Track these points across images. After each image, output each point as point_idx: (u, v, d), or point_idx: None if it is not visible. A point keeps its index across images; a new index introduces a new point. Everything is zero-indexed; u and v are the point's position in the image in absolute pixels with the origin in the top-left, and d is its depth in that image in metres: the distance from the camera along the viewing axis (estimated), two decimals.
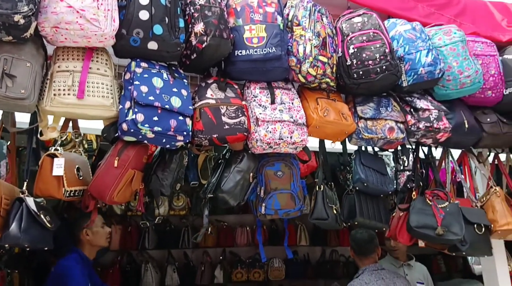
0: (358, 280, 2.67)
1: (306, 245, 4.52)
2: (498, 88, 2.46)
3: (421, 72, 2.16)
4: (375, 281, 2.63)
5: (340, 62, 2.11)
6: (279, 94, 2.01)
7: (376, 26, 2.12)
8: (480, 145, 2.56)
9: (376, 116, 2.17)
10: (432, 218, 2.18)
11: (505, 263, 2.71)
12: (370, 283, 2.63)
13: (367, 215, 2.22)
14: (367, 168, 2.24)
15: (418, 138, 2.30)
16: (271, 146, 1.91)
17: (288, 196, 2.02)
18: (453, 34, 2.31)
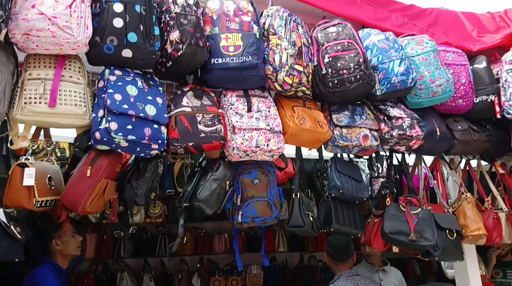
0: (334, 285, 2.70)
1: (284, 251, 4.52)
2: (468, 97, 2.54)
3: (394, 81, 2.21)
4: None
5: (316, 71, 2.14)
6: (255, 102, 2.02)
7: (351, 36, 2.16)
8: (452, 152, 2.63)
9: (351, 124, 2.20)
10: (405, 224, 2.23)
11: (476, 267, 2.78)
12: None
13: (343, 222, 2.24)
14: (342, 175, 2.27)
15: (391, 146, 2.35)
16: (247, 154, 1.91)
17: (265, 204, 2.02)
18: (425, 44, 2.38)
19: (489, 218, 2.58)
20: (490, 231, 2.54)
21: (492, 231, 2.55)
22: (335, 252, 2.85)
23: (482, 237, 2.45)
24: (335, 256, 2.86)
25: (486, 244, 2.60)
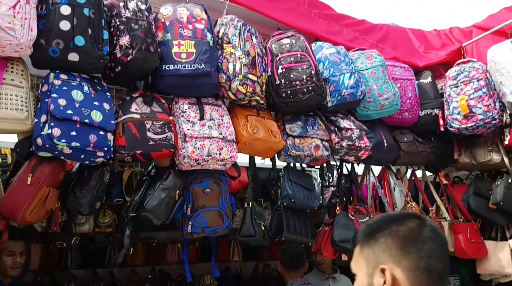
0: None
1: (239, 261, 4.49)
2: (414, 110, 2.66)
3: (344, 93, 2.27)
4: None
5: (270, 81, 2.16)
6: (208, 110, 2.01)
7: (304, 48, 2.21)
8: (398, 163, 2.74)
9: (303, 134, 2.24)
10: (354, 233, 2.27)
11: None
12: None
13: (294, 231, 2.26)
14: (294, 184, 2.30)
15: (341, 156, 2.41)
16: (199, 163, 1.89)
17: (216, 214, 2.00)
18: (374, 58, 2.47)
19: None
20: None
21: None
22: (288, 261, 2.87)
23: None
24: (288, 264, 2.88)
25: None
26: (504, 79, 2.45)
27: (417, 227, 0.98)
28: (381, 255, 0.97)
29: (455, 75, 2.67)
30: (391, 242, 0.96)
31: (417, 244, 0.95)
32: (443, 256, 0.97)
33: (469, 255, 2.76)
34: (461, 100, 2.59)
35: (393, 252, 0.95)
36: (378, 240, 0.99)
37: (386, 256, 0.96)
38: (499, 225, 2.93)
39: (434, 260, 0.94)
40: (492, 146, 2.77)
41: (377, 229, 1.01)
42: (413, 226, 0.98)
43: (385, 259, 0.96)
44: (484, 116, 2.53)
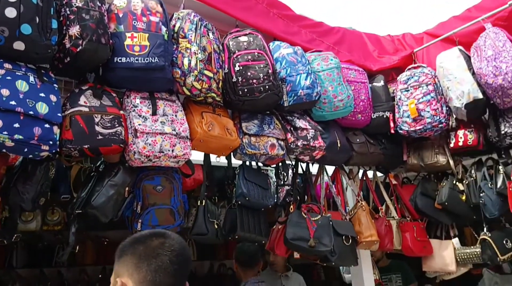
0: None
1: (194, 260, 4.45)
2: (367, 112, 2.74)
3: (301, 94, 2.30)
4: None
5: (227, 78, 2.14)
6: (161, 105, 1.96)
7: (261, 47, 2.21)
8: (351, 163, 2.81)
9: (259, 133, 2.24)
10: (306, 231, 2.32)
11: (371, 272, 2.98)
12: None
13: (248, 229, 2.27)
14: (250, 183, 2.30)
15: (297, 155, 2.44)
16: (150, 159, 1.85)
17: (168, 212, 1.96)
18: (330, 60, 2.52)
19: (381, 225, 2.79)
20: (382, 238, 2.74)
21: (384, 238, 2.76)
22: (243, 259, 2.88)
23: (375, 243, 2.64)
24: (243, 262, 2.88)
25: (379, 249, 2.81)
26: (451, 85, 2.57)
27: (156, 246, 1.14)
28: (121, 270, 1.14)
29: (406, 79, 2.78)
30: (129, 259, 1.13)
31: (148, 260, 1.12)
32: (178, 272, 1.13)
33: (415, 253, 2.88)
34: (411, 104, 2.70)
35: (129, 268, 1.12)
36: (122, 257, 1.16)
37: (124, 271, 1.13)
38: (444, 225, 3.09)
39: (162, 274, 1.11)
40: (438, 149, 2.90)
41: (124, 248, 1.18)
42: (153, 245, 1.15)
43: (123, 273, 1.13)
44: (431, 120, 2.65)
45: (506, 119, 2.54)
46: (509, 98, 2.38)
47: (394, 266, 3.54)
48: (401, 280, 3.43)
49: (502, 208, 2.62)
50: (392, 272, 3.52)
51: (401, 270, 3.54)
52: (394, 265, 3.56)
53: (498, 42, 2.37)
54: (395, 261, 3.60)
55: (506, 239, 2.77)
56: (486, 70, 2.36)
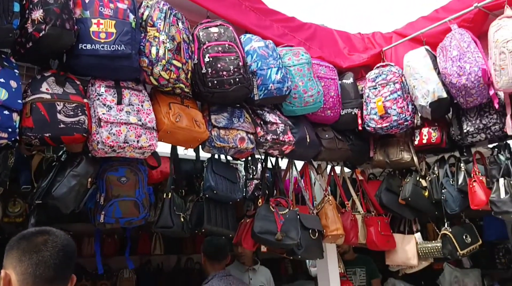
0: (208, 285, 2.70)
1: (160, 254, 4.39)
2: (336, 109, 2.77)
3: (271, 88, 2.30)
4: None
5: (196, 69, 2.11)
6: (127, 95, 1.91)
7: (232, 39, 2.19)
8: (319, 158, 2.84)
9: (228, 126, 2.22)
10: (273, 224, 2.32)
11: (336, 265, 3.03)
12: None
13: (215, 222, 2.25)
14: (218, 176, 2.28)
15: (266, 149, 2.44)
16: (114, 150, 1.80)
17: (132, 204, 1.92)
18: (301, 56, 2.53)
19: (347, 219, 2.84)
20: (347, 231, 2.79)
21: (350, 231, 2.81)
22: (211, 252, 2.86)
23: (340, 237, 2.68)
24: (211, 256, 2.86)
25: (344, 243, 2.86)
26: (417, 83, 2.64)
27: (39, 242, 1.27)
28: (7, 263, 1.26)
29: (374, 77, 2.83)
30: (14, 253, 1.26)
31: (30, 255, 1.24)
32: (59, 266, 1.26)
33: (379, 247, 2.95)
34: (378, 101, 2.75)
35: (13, 261, 1.25)
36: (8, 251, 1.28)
37: (9, 264, 1.26)
38: (407, 220, 3.17)
39: (42, 268, 1.24)
40: (403, 146, 2.97)
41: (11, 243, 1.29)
42: (36, 241, 1.27)
43: (8, 266, 1.26)
44: (397, 117, 2.70)
45: (468, 118, 2.63)
46: (471, 97, 2.46)
47: (360, 260, 3.62)
48: (365, 273, 3.51)
49: (463, 204, 2.71)
50: (357, 266, 3.59)
51: (366, 264, 3.62)
52: (360, 259, 3.63)
53: (463, 43, 2.44)
54: (361, 255, 3.68)
55: (466, 234, 2.87)
56: (451, 70, 2.43)
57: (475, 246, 2.90)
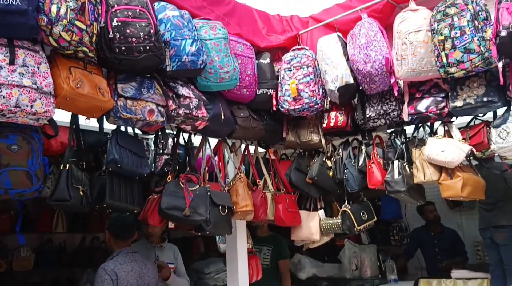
0: (113, 261, 2.63)
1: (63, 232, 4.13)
2: (252, 88, 2.78)
3: (185, 60, 2.23)
4: (129, 262, 2.67)
5: (102, 33, 1.97)
6: (21, 55, 1.72)
7: (144, 5, 2.07)
8: (234, 136, 2.85)
9: (137, 96, 2.12)
10: (182, 200, 2.29)
11: (245, 241, 3.11)
12: (125, 264, 2.64)
13: (118, 198, 2.15)
14: (123, 149, 2.17)
15: (178, 124, 2.37)
16: (4, 114, 1.63)
17: (23, 174, 1.76)
18: (218, 30, 2.48)
19: (258, 196, 2.91)
20: (257, 208, 2.86)
21: (259, 208, 2.88)
22: (117, 230, 2.76)
23: (249, 213, 2.74)
24: (117, 233, 2.77)
25: (253, 219, 2.92)
26: (328, 68, 2.74)
27: None
28: None
29: (290, 59, 2.88)
30: None
31: None
32: None
33: (286, 223, 3.06)
34: (292, 83, 2.82)
35: None
36: None
37: None
38: (312, 198, 3.34)
39: None
40: (313, 128, 3.10)
41: None
42: None
43: None
44: (309, 100, 2.80)
45: (371, 104, 2.82)
46: (375, 84, 2.63)
47: (271, 238, 3.73)
48: (270, 252, 3.62)
49: (362, 184, 2.92)
50: (266, 244, 3.71)
51: (275, 243, 3.75)
52: (271, 237, 3.75)
53: (371, 32, 2.58)
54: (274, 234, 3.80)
55: (363, 211, 3.11)
56: (358, 57, 2.57)
57: (371, 222, 3.15)
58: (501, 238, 3.73)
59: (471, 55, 2.19)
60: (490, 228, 3.81)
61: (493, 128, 2.37)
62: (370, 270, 4.45)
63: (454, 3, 2.26)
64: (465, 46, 2.19)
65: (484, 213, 3.90)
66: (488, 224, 3.83)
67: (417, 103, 2.58)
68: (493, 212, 3.80)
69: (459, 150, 2.41)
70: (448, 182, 2.46)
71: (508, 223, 3.74)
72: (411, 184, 2.62)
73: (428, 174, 2.53)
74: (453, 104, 2.42)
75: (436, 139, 2.53)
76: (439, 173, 2.52)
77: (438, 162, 2.48)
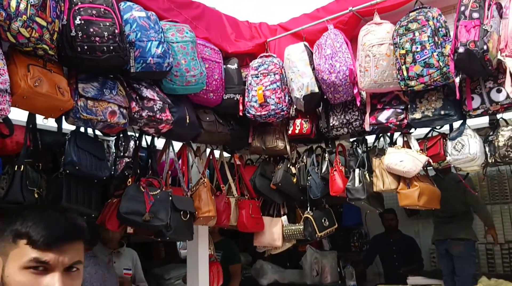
0: None
1: None
2: (219, 92, 2.77)
3: (150, 62, 2.19)
4: (93, 265, 2.67)
5: (64, 31, 1.91)
6: None
7: (109, 4, 2.03)
8: (199, 140, 2.83)
9: (98, 97, 2.06)
10: (142, 205, 2.24)
11: (206, 247, 3.07)
12: (88, 267, 2.62)
13: (75, 201, 2.08)
14: (82, 151, 2.10)
15: (141, 126, 2.33)
16: None
17: None
18: (185, 33, 2.46)
19: (221, 202, 2.90)
20: (220, 214, 2.85)
21: (222, 214, 2.87)
22: None
23: (212, 219, 2.72)
24: None
25: (216, 225, 2.90)
26: (294, 77, 2.78)
27: None
28: None
29: (257, 66, 2.90)
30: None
31: None
32: None
33: (249, 229, 3.07)
34: (259, 90, 2.83)
35: None
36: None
37: None
38: (276, 204, 3.36)
39: None
40: (279, 135, 3.12)
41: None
42: None
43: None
44: (275, 107, 2.82)
45: (335, 113, 2.87)
46: (339, 94, 2.69)
47: (221, 244, 3.68)
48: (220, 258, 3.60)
49: (324, 191, 2.97)
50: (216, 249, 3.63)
51: (226, 248, 3.71)
52: (222, 242, 3.70)
53: (336, 43, 2.64)
54: (225, 239, 3.77)
55: (325, 218, 3.16)
56: (323, 67, 2.62)
57: (332, 229, 3.21)
58: (458, 250, 3.87)
59: (430, 70, 2.28)
60: (448, 239, 3.93)
61: (449, 140, 2.47)
62: (331, 276, 4.51)
63: (416, 18, 2.35)
64: (425, 60, 2.28)
65: (442, 225, 4.03)
66: (446, 236, 3.95)
67: (378, 114, 2.66)
68: (452, 225, 3.94)
69: (416, 161, 2.49)
70: (406, 191, 2.55)
71: (465, 237, 3.90)
72: (370, 192, 2.69)
73: (387, 183, 2.61)
74: (412, 116, 2.51)
75: (395, 149, 2.61)
76: (397, 182, 2.60)
77: (397, 172, 2.56)
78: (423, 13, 2.33)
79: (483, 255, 4.77)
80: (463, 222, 3.94)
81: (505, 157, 2.30)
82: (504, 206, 4.71)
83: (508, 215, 4.69)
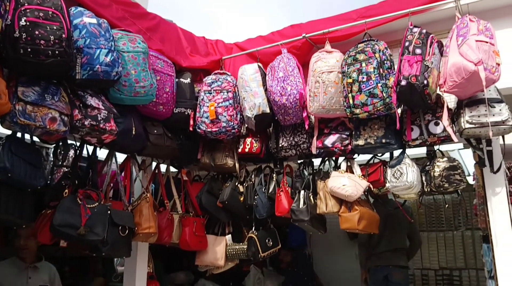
0: None
1: None
2: (169, 105, 2.73)
3: (98, 69, 2.13)
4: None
5: (7, 31, 1.82)
6: None
7: (58, 8, 1.96)
8: (144, 153, 2.76)
9: (38, 102, 1.96)
10: (77, 218, 2.14)
11: (145, 264, 2.97)
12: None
13: (5, 209, 1.95)
14: (16, 157, 1.98)
15: (82, 135, 2.24)
16: None
17: None
18: (137, 43, 2.42)
19: (164, 218, 2.82)
20: (162, 230, 2.77)
21: (164, 231, 2.80)
22: None
23: (152, 235, 2.63)
24: None
25: (157, 242, 2.81)
26: (247, 96, 2.81)
27: None
28: None
29: (211, 82, 2.90)
30: None
31: None
32: None
33: (191, 247, 3.00)
34: (211, 106, 2.83)
35: None
36: None
37: None
38: (222, 222, 3.32)
39: None
40: (229, 152, 3.12)
41: None
42: None
43: None
44: (226, 124, 2.82)
45: (285, 135, 2.92)
46: (289, 116, 2.74)
47: None
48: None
49: (270, 211, 2.98)
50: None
51: None
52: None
53: (289, 66, 2.71)
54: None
55: (268, 238, 3.16)
56: (275, 89, 2.67)
57: (275, 249, 3.21)
58: (399, 277, 3.93)
59: (374, 99, 2.39)
60: (390, 266, 3.97)
61: (389, 168, 2.58)
62: None
63: (363, 50, 2.46)
64: (370, 90, 2.39)
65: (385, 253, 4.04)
66: (389, 263, 3.97)
67: (325, 138, 2.73)
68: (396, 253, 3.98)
69: (358, 186, 2.57)
70: (347, 215, 2.61)
71: (405, 264, 4.01)
72: (314, 214, 2.73)
73: (329, 206, 2.66)
74: (355, 142, 2.60)
75: (339, 173, 2.69)
76: (339, 205, 2.66)
77: (339, 195, 2.62)
78: (370, 45, 2.44)
79: (418, 280, 4.95)
80: (404, 250, 4.04)
81: (440, 187, 2.43)
82: (440, 233, 4.94)
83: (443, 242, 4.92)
